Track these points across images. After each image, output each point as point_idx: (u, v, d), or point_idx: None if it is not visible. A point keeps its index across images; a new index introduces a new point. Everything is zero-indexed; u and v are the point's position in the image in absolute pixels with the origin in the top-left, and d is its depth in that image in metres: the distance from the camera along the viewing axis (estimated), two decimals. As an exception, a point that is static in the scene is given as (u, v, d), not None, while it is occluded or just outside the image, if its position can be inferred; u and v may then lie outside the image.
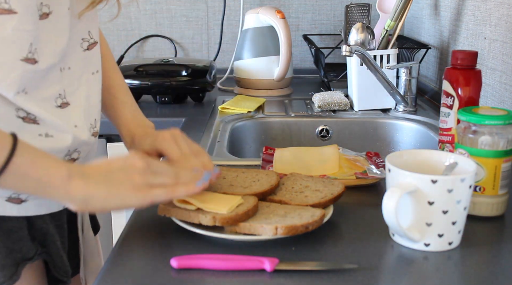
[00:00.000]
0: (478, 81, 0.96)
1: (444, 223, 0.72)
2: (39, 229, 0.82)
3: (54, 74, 0.77)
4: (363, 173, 0.96)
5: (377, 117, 1.46)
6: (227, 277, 0.67)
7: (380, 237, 0.77)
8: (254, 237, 0.73)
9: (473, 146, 0.82)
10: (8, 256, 0.77)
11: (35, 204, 0.79)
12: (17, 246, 0.78)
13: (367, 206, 0.88)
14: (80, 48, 0.82)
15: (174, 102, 1.65)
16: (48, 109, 0.77)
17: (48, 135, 0.77)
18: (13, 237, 0.78)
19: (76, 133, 0.80)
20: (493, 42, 1.27)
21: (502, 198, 0.84)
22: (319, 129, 1.45)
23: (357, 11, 1.71)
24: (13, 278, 0.77)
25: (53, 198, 0.69)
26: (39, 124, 0.76)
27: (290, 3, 2.07)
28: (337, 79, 1.74)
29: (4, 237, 0.77)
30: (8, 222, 0.77)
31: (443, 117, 0.99)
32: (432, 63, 1.72)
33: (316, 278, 0.67)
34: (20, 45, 0.72)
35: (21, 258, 0.79)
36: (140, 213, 0.85)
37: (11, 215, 0.77)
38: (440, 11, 1.65)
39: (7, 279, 0.77)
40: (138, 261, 0.71)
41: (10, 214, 0.77)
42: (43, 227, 0.82)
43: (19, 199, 0.77)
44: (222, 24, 2.04)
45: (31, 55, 0.73)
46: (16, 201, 0.77)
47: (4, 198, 0.76)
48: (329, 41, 2.09)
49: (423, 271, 0.70)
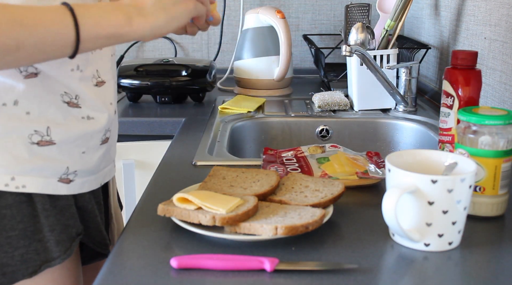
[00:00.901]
0: (478, 81, 0.96)
1: (444, 223, 0.72)
2: (81, 207, 0.88)
3: (91, 53, 0.83)
4: (364, 172, 0.96)
5: (377, 117, 1.46)
6: (227, 277, 0.67)
7: (380, 237, 0.77)
8: (254, 237, 0.73)
9: (473, 146, 0.82)
10: (63, 232, 0.83)
11: (79, 182, 0.85)
12: (71, 222, 0.84)
13: (367, 206, 0.88)
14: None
15: (174, 102, 1.65)
16: (89, 88, 0.83)
17: (90, 118, 0.84)
18: (66, 214, 0.84)
19: (110, 112, 0.88)
20: (493, 42, 1.27)
21: (502, 198, 0.84)
22: (319, 129, 1.45)
23: (357, 11, 1.71)
24: (67, 252, 0.83)
25: (129, 40, 0.75)
26: (81, 107, 0.83)
27: (290, 3, 2.07)
28: (337, 79, 1.74)
29: (58, 215, 0.82)
30: (61, 200, 0.83)
31: (443, 117, 0.99)
32: (432, 63, 1.73)
33: (316, 278, 0.67)
34: None
35: (75, 233, 0.85)
36: (140, 213, 0.85)
37: (62, 193, 0.83)
38: (440, 11, 1.65)
39: (62, 253, 0.82)
40: (138, 261, 0.71)
41: (62, 193, 0.82)
42: (84, 204, 0.88)
43: (68, 179, 0.83)
44: (222, 24, 2.04)
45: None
46: (66, 181, 0.83)
47: (56, 179, 0.81)
48: (329, 41, 2.09)
49: (423, 271, 0.70)
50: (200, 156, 1.12)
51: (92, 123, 0.84)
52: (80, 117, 0.83)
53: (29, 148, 0.78)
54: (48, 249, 0.81)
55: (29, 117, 0.78)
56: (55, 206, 0.82)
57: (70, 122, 0.81)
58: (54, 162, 0.81)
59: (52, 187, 0.81)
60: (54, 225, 0.82)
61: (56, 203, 0.82)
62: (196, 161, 1.09)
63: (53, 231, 0.81)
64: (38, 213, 0.80)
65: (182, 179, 0.99)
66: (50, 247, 0.81)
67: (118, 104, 1.68)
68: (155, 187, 0.96)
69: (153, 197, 0.91)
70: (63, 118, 0.81)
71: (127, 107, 1.64)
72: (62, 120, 0.80)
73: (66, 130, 0.81)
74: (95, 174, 0.88)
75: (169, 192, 0.87)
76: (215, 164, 1.05)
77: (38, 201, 0.80)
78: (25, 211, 0.79)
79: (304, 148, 1.09)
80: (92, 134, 0.85)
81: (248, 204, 0.77)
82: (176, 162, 1.09)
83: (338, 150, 1.07)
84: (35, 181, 0.79)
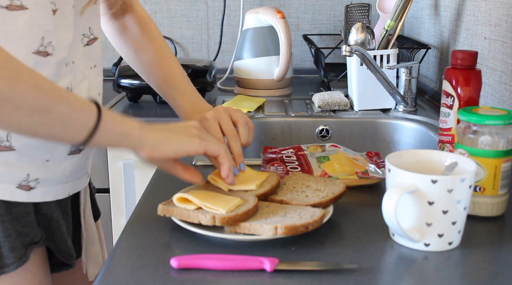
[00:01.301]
0: (478, 81, 0.96)
1: (444, 223, 0.72)
2: (44, 214, 0.86)
3: (63, 68, 0.81)
4: (364, 172, 0.96)
5: (377, 117, 1.46)
6: (227, 277, 0.67)
7: (380, 237, 0.77)
8: (254, 237, 0.73)
9: (473, 146, 0.82)
10: (18, 239, 0.81)
11: (43, 191, 0.83)
12: (26, 229, 0.82)
13: (367, 206, 0.88)
14: (81, 44, 0.86)
15: (174, 102, 1.65)
16: None
17: None
18: (22, 222, 0.82)
19: None
20: (493, 42, 1.27)
21: (502, 198, 0.84)
22: (319, 129, 1.45)
23: (357, 11, 1.71)
24: (22, 259, 0.82)
25: (129, 147, 0.76)
26: None
27: (290, 3, 2.07)
28: (337, 79, 1.74)
29: (13, 222, 0.81)
30: (17, 207, 0.81)
31: (443, 117, 0.99)
32: (432, 63, 1.72)
33: (316, 278, 0.67)
34: (32, 39, 0.76)
35: (29, 241, 0.83)
36: (140, 213, 0.85)
37: (21, 201, 0.81)
38: (440, 11, 1.65)
39: (17, 260, 0.81)
40: (138, 261, 0.71)
41: (20, 200, 0.81)
42: (48, 213, 0.86)
43: (28, 186, 0.81)
44: (222, 24, 2.04)
45: (43, 48, 0.78)
46: (25, 188, 0.81)
47: (14, 185, 0.80)
48: (329, 41, 2.09)
49: (423, 271, 0.70)
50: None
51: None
52: None
53: None
54: (2, 255, 0.80)
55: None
56: (10, 212, 0.80)
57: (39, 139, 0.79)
58: (13, 168, 0.79)
59: (9, 193, 0.80)
60: (9, 231, 0.80)
61: (12, 209, 0.81)
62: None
63: (7, 237, 0.80)
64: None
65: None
66: (4, 253, 0.80)
67: (118, 104, 1.68)
68: (155, 187, 0.96)
69: (153, 197, 0.91)
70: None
71: (127, 107, 1.64)
72: None
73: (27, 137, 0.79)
74: (62, 183, 0.86)
75: (169, 192, 0.87)
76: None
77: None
78: None
79: (304, 146, 1.09)
80: (56, 145, 0.83)
81: (248, 204, 0.77)
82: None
83: (338, 149, 1.07)
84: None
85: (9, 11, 0.73)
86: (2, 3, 0.73)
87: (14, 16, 0.74)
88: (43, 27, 0.77)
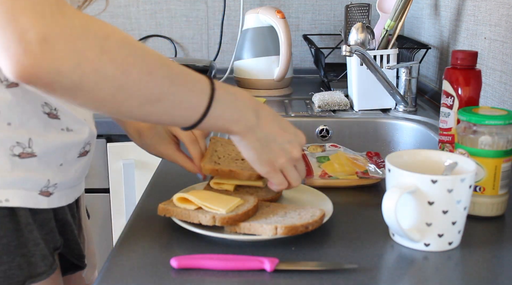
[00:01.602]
0: (478, 81, 0.96)
1: (444, 223, 0.72)
2: (60, 219, 0.85)
3: None
4: (364, 172, 0.96)
5: (377, 117, 1.46)
6: (227, 277, 0.67)
7: (380, 237, 0.77)
8: (254, 237, 0.73)
9: (473, 146, 0.82)
10: (46, 247, 0.80)
11: (59, 196, 0.82)
12: (50, 236, 0.82)
13: (367, 206, 0.88)
14: None
15: (174, 102, 1.65)
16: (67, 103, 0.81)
17: (69, 130, 0.81)
18: (46, 229, 0.81)
19: (91, 126, 0.85)
20: (493, 42, 1.27)
21: (502, 198, 0.84)
22: (319, 129, 1.45)
23: (357, 11, 1.71)
24: (52, 267, 0.81)
25: (233, 133, 0.75)
26: (60, 119, 0.79)
27: (290, 3, 2.07)
28: (337, 79, 1.74)
29: (39, 229, 0.80)
30: (40, 214, 0.80)
31: (443, 117, 0.99)
32: (432, 63, 1.72)
33: (316, 278, 0.67)
34: None
35: (53, 248, 0.83)
36: (140, 213, 0.85)
37: (43, 207, 0.80)
38: (440, 11, 1.65)
39: (48, 268, 0.80)
40: (138, 261, 0.71)
41: (42, 207, 0.80)
42: (63, 217, 0.86)
43: (48, 192, 0.80)
44: (222, 24, 2.04)
45: None
46: (46, 194, 0.80)
47: (37, 192, 0.79)
48: (329, 41, 2.09)
49: (423, 271, 0.70)
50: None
51: (71, 135, 0.81)
52: (60, 128, 0.80)
53: (11, 160, 0.75)
54: (33, 263, 0.78)
55: (10, 128, 0.74)
56: (35, 219, 0.79)
57: (50, 134, 0.78)
58: (36, 174, 0.78)
59: (33, 200, 0.78)
60: (37, 239, 0.79)
61: (37, 217, 0.79)
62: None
63: (37, 245, 0.79)
64: (22, 227, 0.77)
65: (182, 179, 0.99)
66: (36, 261, 0.78)
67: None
68: (155, 187, 0.96)
69: (153, 197, 0.91)
70: (44, 130, 0.77)
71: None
72: (43, 132, 0.77)
73: (47, 141, 0.78)
74: (72, 187, 0.86)
75: (169, 192, 0.87)
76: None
77: (21, 214, 0.77)
78: (8, 225, 0.76)
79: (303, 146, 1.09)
80: (70, 147, 0.82)
81: (248, 204, 0.77)
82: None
83: (338, 149, 1.07)
84: (18, 194, 0.76)
85: None
86: None
87: None
88: None
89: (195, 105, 0.69)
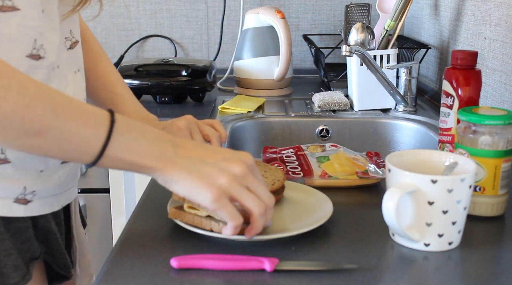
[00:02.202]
0: (478, 81, 0.96)
1: (444, 223, 0.72)
2: (42, 228, 0.82)
3: (50, 72, 0.77)
4: (364, 172, 0.96)
5: (377, 117, 1.46)
6: (227, 277, 0.67)
7: (380, 237, 0.77)
8: (254, 237, 0.73)
9: (473, 146, 0.82)
10: (19, 257, 0.77)
11: (39, 203, 0.79)
12: (26, 246, 0.79)
13: (367, 206, 0.88)
14: (64, 47, 0.81)
15: (174, 102, 1.65)
16: None
17: None
18: (21, 238, 0.78)
19: None
20: (493, 42, 1.27)
21: (502, 198, 0.84)
22: (319, 129, 1.45)
23: (357, 11, 1.71)
24: (26, 278, 0.77)
25: (143, 174, 0.69)
26: None
27: (290, 3, 2.07)
28: (337, 79, 1.74)
29: (13, 238, 0.77)
30: (16, 222, 0.77)
31: (443, 117, 0.99)
32: (432, 63, 1.73)
33: (316, 278, 0.67)
34: (25, 42, 0.72)
35: (29, 257, 0.79)
36: (140, 213, 0.85)
37: (18, 215, 0.77)
38: (440, 11, 1.65)
39: (21, 279, 0.77)
40: (138, 261, 0.71)
41: (17, 215, 0.77)
42: (45, 225, 0.82)
43: (25, 199, 0.77)
44: (222, 24, 2.04)
45: (36, 51, 0.73)
46: (22, 202, 0.77)
47: (11, 199, 0.76)
48: (329, 41, 2.09)
49: (423, 271, 0.70)
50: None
51: None
52: None
53: None
54: (5, 274, 0.75)
55: None
56: (9, 228, 0.76)
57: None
58: (10, 181, 0.75)
59: (7, 208, 0.75)
60: (9, 249, 0.76)
61: (11, 225, 0.76)
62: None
63: (9, 256, 0.75)
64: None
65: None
66: (8, 272, 0.75)
67: (118, 104, 1.68)
68: (155, 187, 0.96)
69: (153, 197, 0.91)
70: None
71: (127, 107, 1.63)
72: None
73: None
74: (57, 194, 0.82)
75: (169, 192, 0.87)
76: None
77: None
78: None
79: (304, 146, 1.09)
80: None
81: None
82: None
83: (338, 149, 1.07)
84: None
85: (0, 13, 0.69)
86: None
87: (6, 17, 0.69)
88: (35, 29, 0.72)
89: (89, 138, 0.64)
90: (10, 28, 0.70)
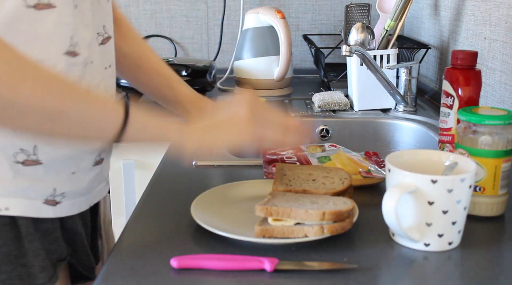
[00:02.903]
0: (478, 81, 0.96)
1: (444, 223, 0.72)
2: (69, 229, 0.83)
3: (85, 68, 0.78)
4: (367, 171, 0.96)
5: (377, 117, 1.46)
6: (227, 277, 0.67)
7: (380, 237, 0.77)
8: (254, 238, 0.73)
9: (473, 146, 0.82)
10: (47, 258, 0.78)
11: (68, 204, 0.80)
12: (53, 247, 0.79)
13: (367, 206, 0.88)
14: (96, 43, 0.81)
15: (174, 102, 1.65)
16: None
17: None
18: (50, 239, 0.79)
19: None
20: (493, 42, 1.27)
21: (502, 198, 0.84)
22: (319, 129, 1.45)
23: (357, 11, 1.71)
24: (52, 279, 0.78)
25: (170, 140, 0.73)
26: None
27: (290, 3, 2.07)
28: (337, 79, 1.74)
29: (42, 239, 0.78)
30: (44, 223, 0.78)
31: (443, 117, 0.99)
32: (432, 63, 1.72)
33: (316, 278, 0.67)
34: (62, 39, 0.73)
35: (56, 259, 0.80)
36: (140, 213, 0.85)
37: (47, 216, 0.78)
38: (440, 11, 1.65)
39: (47, 281, 0.77)
40: (138, 261, 0.71)
41: (47, 216, 0.77)
42: (72, 226, 0.83)
43: (54, 200, 0.78)
44: (222, 24, 2.04)
45: (72, 48, 0.74)
46: (51, 203, 0.78)
47: (41, 201, 0.76)
48: (329, 41, 2.09)
49: (423, 271, 0.70)
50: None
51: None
52: None
53: (13, 167, 0.73)
54: (32, 275, 0.76)
55: (14, 134, 0.72)
56: (38, 229, 0.77)
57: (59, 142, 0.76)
58: (40, 182, 0.76)
59: (36, 210, 0.76)
60: (38, 250, 0.77)
61: (40, 226, 0.77)
62: (196, 161, 1.09)
63: (37, 256, 0.76)
64: (22, 236, 0.75)
65: (182, 179, 0.99)
66: (35, 273, 0.76)
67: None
68: (155, 187, 0.96)
69: (153, 197, 0.91)
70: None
71: (127, 107, 1.63)
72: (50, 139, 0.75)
73: (55, 150, 0.76)
74: (85, 195, 0.83)
75: (169, 192, 0.87)
76: (216, 164, 1.05)
77: (21, 224, 0.75)
78: (8, 234, 0.74)
79: (303, 146, 1.09)
80: (83, 156, 0.79)
81: (343, 206, 0.75)
82: (176, 162, 1.09)
83: (338, 149, 1.07)
84: (19, 203, 0.74)
85: (37, 11, 0.69)
86: (29, 3, 0.69)
87: (42, 15, 0.70)
88: (71, 25, 0.73)
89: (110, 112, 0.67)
90: (47, 26, 0.70)
